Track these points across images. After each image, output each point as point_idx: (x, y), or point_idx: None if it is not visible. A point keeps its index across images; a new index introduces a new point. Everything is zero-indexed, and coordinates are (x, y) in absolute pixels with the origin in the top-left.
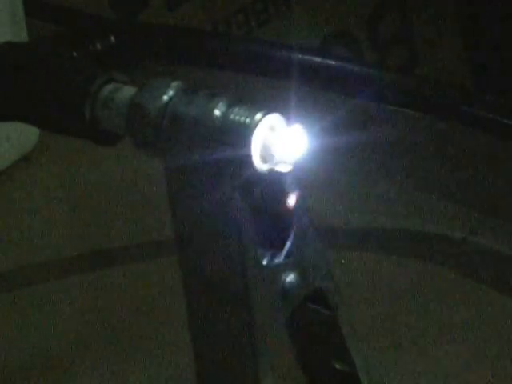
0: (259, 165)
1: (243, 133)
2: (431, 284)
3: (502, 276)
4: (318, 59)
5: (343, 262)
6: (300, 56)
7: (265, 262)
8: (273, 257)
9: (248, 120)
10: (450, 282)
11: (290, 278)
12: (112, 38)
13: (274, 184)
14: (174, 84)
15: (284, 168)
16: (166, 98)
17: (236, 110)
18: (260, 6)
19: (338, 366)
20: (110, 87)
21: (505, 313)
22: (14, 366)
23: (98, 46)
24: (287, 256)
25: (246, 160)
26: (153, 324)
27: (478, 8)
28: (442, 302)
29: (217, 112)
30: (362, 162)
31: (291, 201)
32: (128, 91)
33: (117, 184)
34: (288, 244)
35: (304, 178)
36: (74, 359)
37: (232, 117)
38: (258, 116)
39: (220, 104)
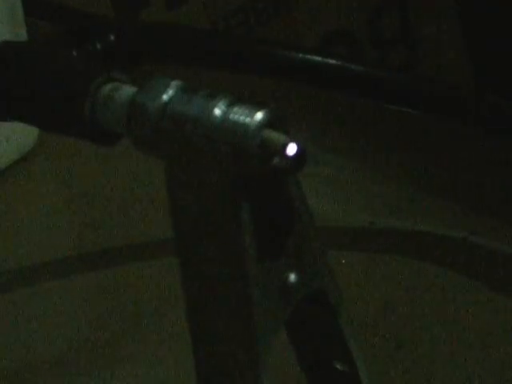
0: (259, 164)
1: (243, 132)
2: (431, 284)
3: (502, 276)
4: (317, 58)
5: (343, 261)
6: (300, 55)
7: (265, 262)
8: (273, 257)
9: (248, 119)
10: (451, 282)
11: (290, 278)
12: (112, 38)
13: (273, 184)
14: (174, 83)
15: (284, 168)
16: (165, 97)
17: (236, 109)
18: (260, 6)
19: (338, 366)
20: (109, 86)
21: (505, 313)
22: (13, 366)
23: (98, 45)
24: (287, 256)
25: (246, 159)
26: (153, 324)
27: (479, 7)
28: (442, 302)
29: (217, 111)
30: (362, 161)
31: None
32: (128, 91)
33: (117, 184)
34: (288, 244)
35: (304, 177)
36: (74, 360)
37: (232, 116)
38: (259, 115)
39: (220, 103)
